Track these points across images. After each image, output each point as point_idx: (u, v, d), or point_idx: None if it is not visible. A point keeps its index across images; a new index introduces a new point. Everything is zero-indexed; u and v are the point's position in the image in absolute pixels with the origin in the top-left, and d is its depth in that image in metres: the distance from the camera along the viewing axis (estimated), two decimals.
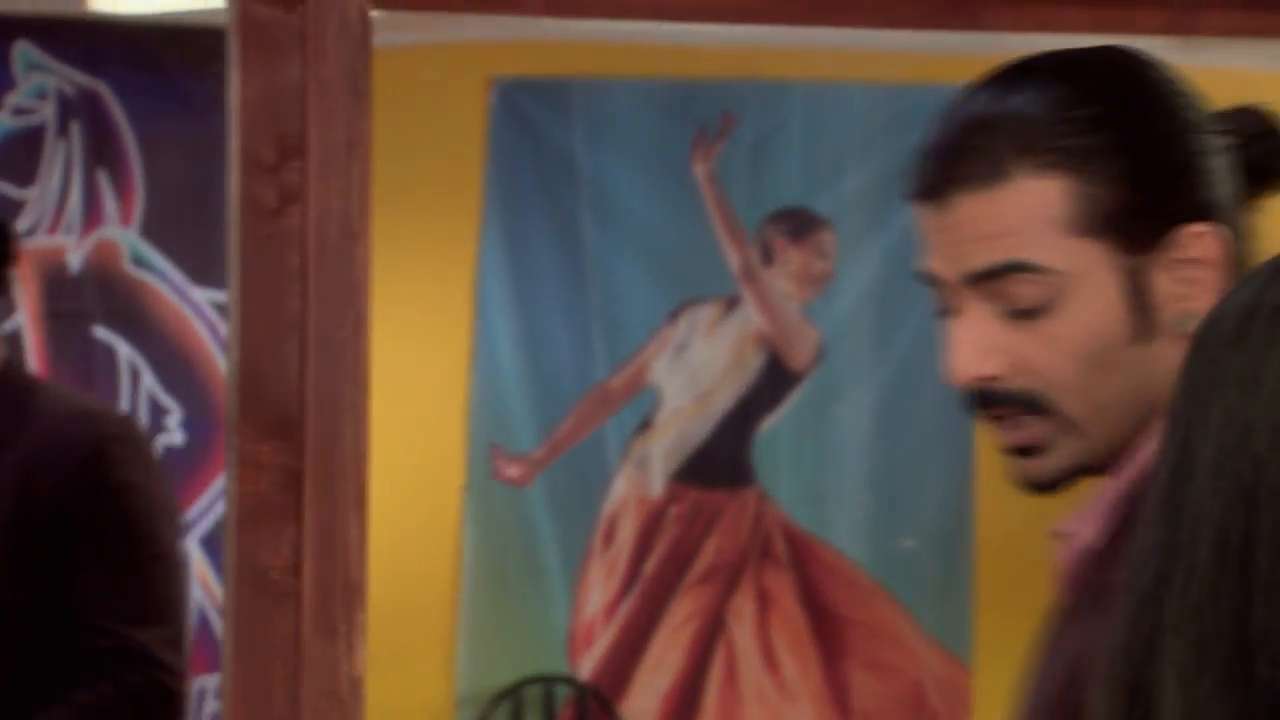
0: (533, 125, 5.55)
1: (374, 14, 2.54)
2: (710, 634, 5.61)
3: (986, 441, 4.71)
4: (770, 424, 5.72)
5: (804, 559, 5.66)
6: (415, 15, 2.87)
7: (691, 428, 5.70)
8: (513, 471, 5.56)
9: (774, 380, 5.75)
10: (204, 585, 5.14)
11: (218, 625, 4.66)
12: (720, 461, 5.69)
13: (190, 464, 5.13)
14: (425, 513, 5.44)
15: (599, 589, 5.61)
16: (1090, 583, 1.60)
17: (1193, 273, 1.56)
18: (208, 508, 5.14)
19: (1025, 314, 1.56)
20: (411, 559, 5.33)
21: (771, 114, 5.68)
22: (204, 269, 5.14)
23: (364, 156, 2.52)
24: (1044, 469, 1.60)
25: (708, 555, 5.64)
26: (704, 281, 5.73)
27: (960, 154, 1.58)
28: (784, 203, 5.75)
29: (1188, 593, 1.31)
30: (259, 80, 2.46)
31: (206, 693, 4.97)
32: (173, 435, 5.18)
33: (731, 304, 5.74)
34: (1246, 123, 1.65)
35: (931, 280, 1.62)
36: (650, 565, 5.64)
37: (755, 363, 5.76)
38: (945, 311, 1.62)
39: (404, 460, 5.22)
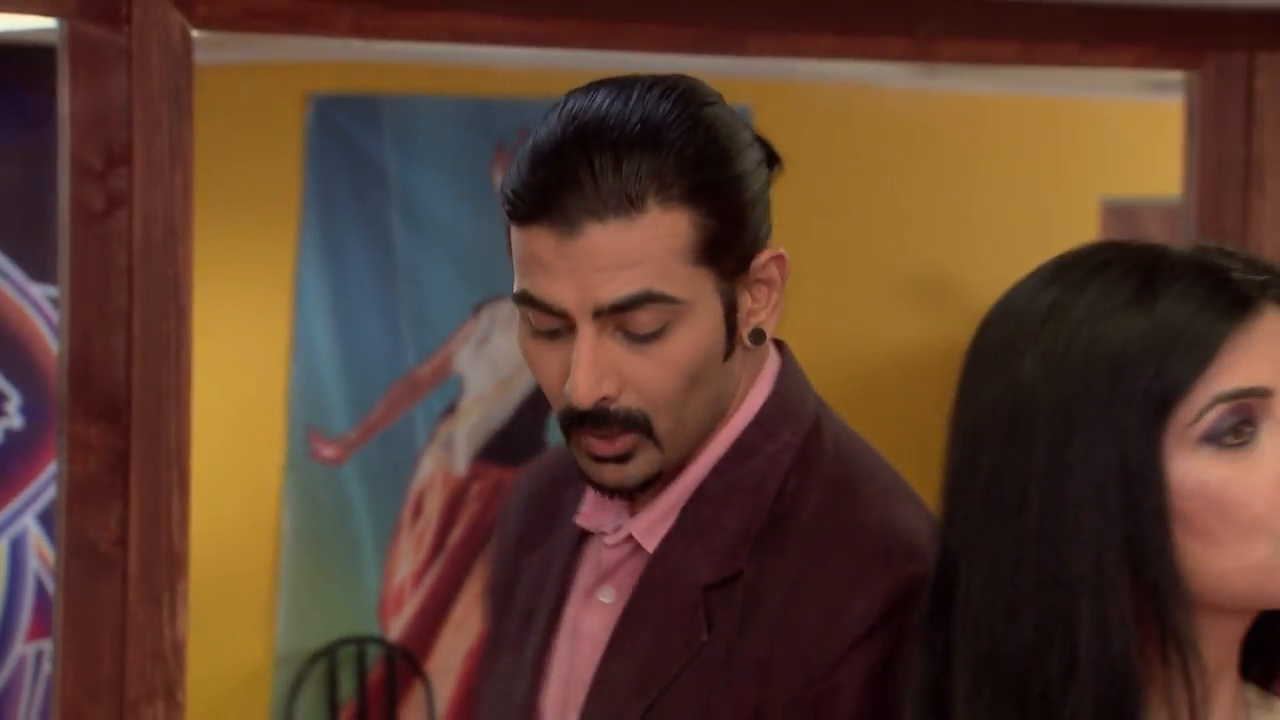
0: (346, 137, 5.51)
1: (195, 34, 2.52)
2: None
3: None
4: None
5: None
6: (235, 35, 2.84)
7: (492, 411, 5.69)
8: (329, 452, 5.52)
9: None
10: (41, 557, 5.06)
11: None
12: (519, 442, 5.68)
13: (29, 446, 5.04)
14: (248, 489, 5.40)
15: (408, 558, 5.59)
16: (649, 584, 1.57)
17: (765, 291, 1.57)
18: (44, 486, 5.05)
19: (642, 338, 1.51)
20: (235, 532, 5.30)
21: None
22: (41, 266, 5.05)
23: (186, 164, 2.50)
24: (626, 476, 1.54)
25: None
26: (503, 280, 5.65)
27: (593, 184, 1.49)
28: None
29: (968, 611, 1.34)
30: (88, 94, 2.44)
31: (44, 655, 4.90)
32: (12, 420, 5.09)
33: None
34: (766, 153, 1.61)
35: (540, 305, 1.52)
36: (455, 536, 5.63)
37: None
38: (548, 334, 1.53)
39: (228, 441, 5.18)
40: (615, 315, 1.50)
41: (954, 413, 1.35)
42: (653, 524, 1.58)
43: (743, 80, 5.18)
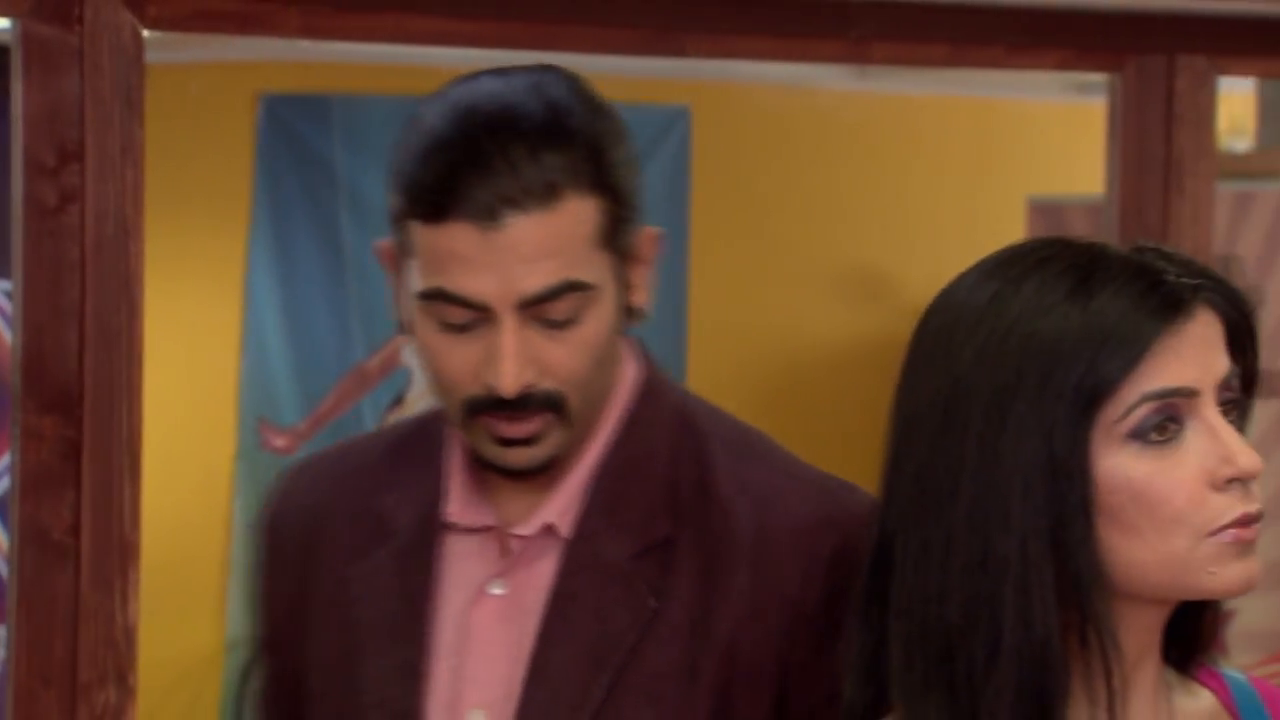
0: (296, 136, 5.49)
1: (146, 34, 2.52)
2: None
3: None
4: None
5: None
6: (185, 35, 2.83)
7: (438, 404, 5.69)
8: (279, 442, 5.50)
9: None
10: None
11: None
12: None
13: None
14: (200, 478, 5.38)
15: None
16: (574, 567, 1.55)
17: (642, 270, 1.58)
18: (0, 475, 5.03)
19: (559, 324, 1.51)
20: (187, 520, 5.28)
21: None
22: None
23: (137, 161, 2.49)
24: (532, 458, 1.54)
25: None
26: None
27: (512, 175, 1.47)
28: None
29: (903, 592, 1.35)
30: (40, 92, 2.43)
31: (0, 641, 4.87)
32: None
33: None
34: None
35: (457, 300, 1.50)
36: None
37: None
38: (459, 328, 1.51)
39: (180, 432, 5.16)
40: (536, 305, 1.50)
41: (894, 400, 1.36)
42: (564, 508, 1.57)
43: (682, 81, 5.19)
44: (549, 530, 1.57)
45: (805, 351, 5.59)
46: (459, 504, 1.60)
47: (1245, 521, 1.32)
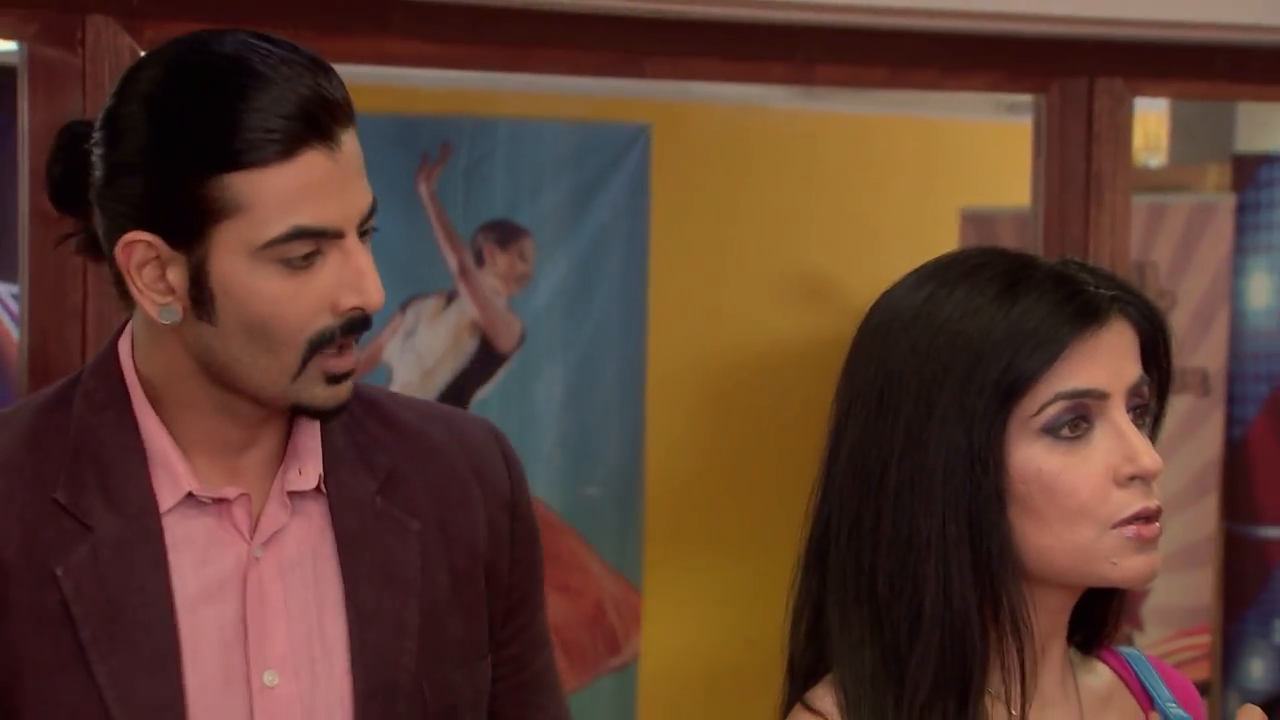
0: None
1: (144, 54, 2.51)
2: None
3: (654, 410, 4.72)
4: (481, 395, 5.71)
5: None
6: None
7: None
8: None
9: (485, 360, 5.74)
10: None
11: None
12: None
13: None
14: None
15: None
16: (342, 513, 1.48)
17: None
18: None
19: (366, 239, 1.44)
20: None
21: (482, 144, 5.66)
22: (4, 266, 4.99)
23: None
24: (350, 391, 1.47)
25: None
26: (428, 280, 5.70)
27: (335, 94, 1.41)
28: (493, 215, 5.74)
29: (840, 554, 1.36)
30: (45, 110, 2.42)
31: None
32: None
33: (451, 298, 5.73)
34: None
35: (313, 232, 1.39)
36: None
37: (470, 346, 5.75)
38: (301, 263, 1.40)
39: None
40: (365, 222, 1.43)
41: (836, 389, 1.38)
42: (314, 463, 1.49)
43: (642, 101, 5.19)
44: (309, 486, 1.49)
45: (757, 352, 5.59)
46: (195, 480, 1.46)
47: (1146, 516, 1.33)
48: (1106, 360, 1.33)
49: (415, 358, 5.67)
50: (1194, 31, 2.96)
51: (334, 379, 1.44)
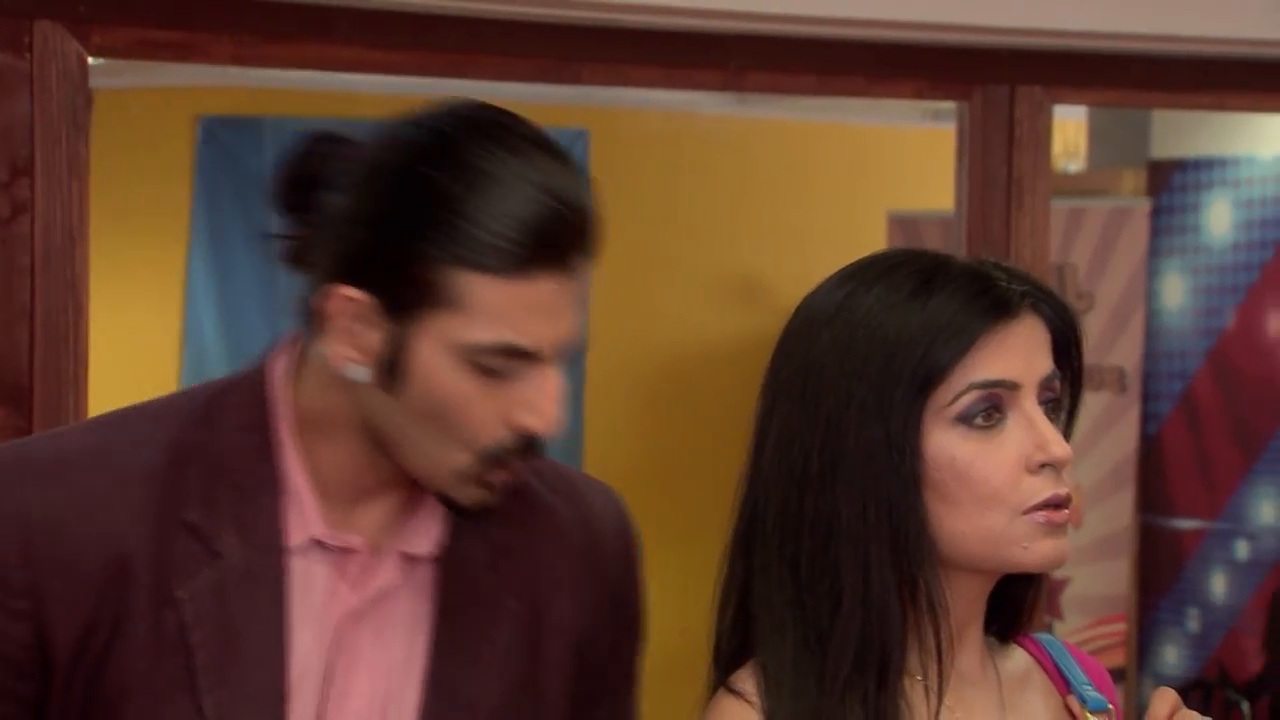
0: (232, 154, 5.44)
1: (91, 60, 2.49)
2: None
3: (592, 407, 4.70)
4: None
5: None
6: (128, 62, 2.80)
7: None
8: None
9: None
10: None
11: None
12: None
13: None
14: None
15: None
16: (448, 581, 1.42)
17: None
18: None
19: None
20: None
21: None
22: None
23: (82, 176, 2.47)
24: (494, 499, 1.40)
25: None
26: None
27: (584, 229, 1.36)
28: None
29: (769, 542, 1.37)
30: None
31: None
32: None
33: None
34: None
35: (520, 352, 1.34)
36: None
37: None
38: (496, 374, 1.34)
39: None
40: (565, 349, 1.37)
41: (762, 384, 1.38)
42: (431, 526, 1.44)
43: (579, 107, 5.18)
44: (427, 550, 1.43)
45: (691, 350, 5.60)
46: (323, 524, 1.39)
47: (1055, 503, 1.34)
48: (1018, 352, 1.34)
49: None
50: (1110, 41, 2.98)
51: (488, 486, 1.38)
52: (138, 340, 5.31)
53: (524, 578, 1.45)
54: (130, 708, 1.35)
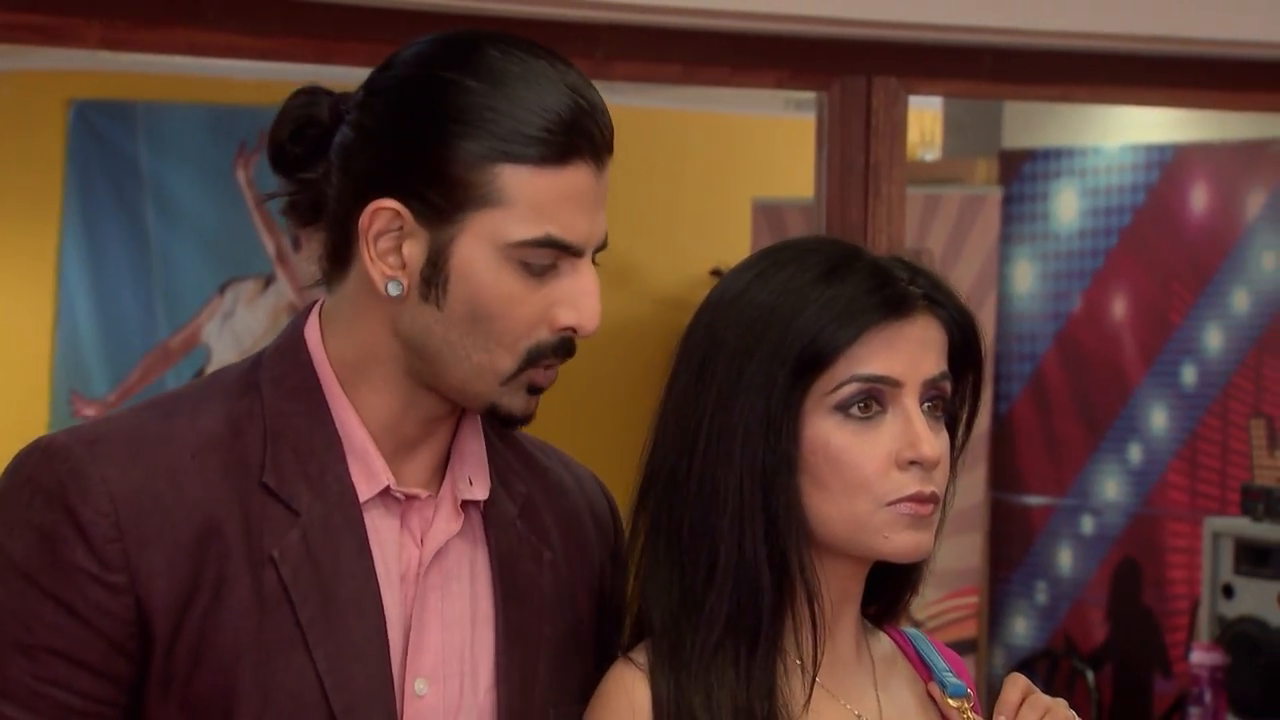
0: (104, 137, 5.35)
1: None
2: None
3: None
4: None
5: None
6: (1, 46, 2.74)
7: None
8: (90, 412, 5.36)
9: None
10: None
11: None
12: None
13: None
14: (16, 446, 5.21)
15: None
16: (496, 529, 1.41)
17: None
18: None
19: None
20: None
21: None
22: None
23: None
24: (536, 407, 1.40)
25: None
26: (246, 263, 5.61)
27: (608, 119, 1.34)
28: None
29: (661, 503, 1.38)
30: None
31: None
32: None
33: (268, 281, 5.64)
34: None
35: (561, 245, 1.31)
36: None
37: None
38: (539, 272, 1.31)
39: None
40: (599, 247, 1.35)
41: (674, 353, 1.41)
42: (479, 472, 1.42)
43: None
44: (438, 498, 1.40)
45: None
46: (389, 473, 1.37)
47: (920, 499, 1.35)
48: (905, 351, 1.35)
49: (233, 339, 5.57)
50: (963, 34, 3.01)
51: (535, 390, 1.36)
52: (8, 325, 5.22)
53: (550, 532, 1.44)
54: (244, 667, 1.32)
